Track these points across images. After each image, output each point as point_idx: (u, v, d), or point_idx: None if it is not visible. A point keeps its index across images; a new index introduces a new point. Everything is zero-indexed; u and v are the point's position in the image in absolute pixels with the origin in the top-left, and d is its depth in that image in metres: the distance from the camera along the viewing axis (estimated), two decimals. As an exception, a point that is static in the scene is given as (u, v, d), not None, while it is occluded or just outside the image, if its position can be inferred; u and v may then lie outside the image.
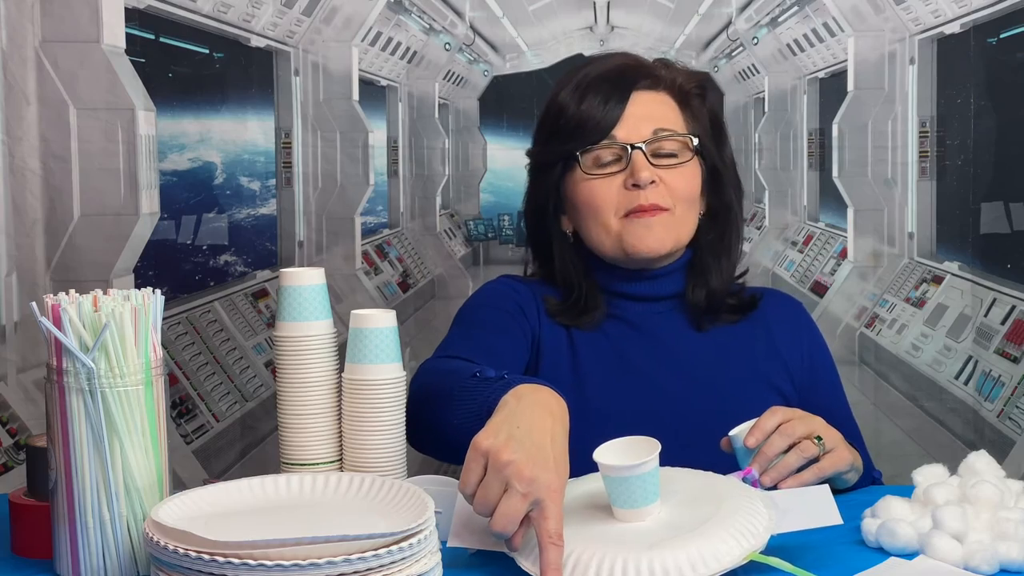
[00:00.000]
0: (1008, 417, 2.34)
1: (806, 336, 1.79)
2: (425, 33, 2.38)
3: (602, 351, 1.72)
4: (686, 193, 1.69)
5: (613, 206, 1.67)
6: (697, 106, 1.74)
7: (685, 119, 1.72)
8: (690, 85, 1.74)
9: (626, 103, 1.68)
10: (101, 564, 1.24)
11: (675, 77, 1.74)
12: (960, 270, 2.37)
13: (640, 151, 1.66)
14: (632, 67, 1.73)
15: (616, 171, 1.67)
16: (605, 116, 1.67)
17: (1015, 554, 1.27)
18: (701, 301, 1.73)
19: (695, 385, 1.69)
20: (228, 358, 2.38)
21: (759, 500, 1.30)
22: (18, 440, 2.26)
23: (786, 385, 1.73)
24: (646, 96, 1.70)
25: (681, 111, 1.73)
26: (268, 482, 1.29)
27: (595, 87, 1.69)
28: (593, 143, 1.68)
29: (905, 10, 2.34)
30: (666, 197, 1.67)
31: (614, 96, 1.68)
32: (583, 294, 1.73)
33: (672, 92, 1.73)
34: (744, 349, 1.73)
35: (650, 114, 1.69)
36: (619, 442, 1.29)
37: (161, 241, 2.32)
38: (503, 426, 1.24)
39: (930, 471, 1.44)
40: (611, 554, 1.19)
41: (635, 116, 1.68)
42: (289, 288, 1.46)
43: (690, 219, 1.71)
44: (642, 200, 1.66)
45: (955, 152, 2.35)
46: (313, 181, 2.37)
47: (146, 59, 2.30)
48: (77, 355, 1.22)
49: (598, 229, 1.69)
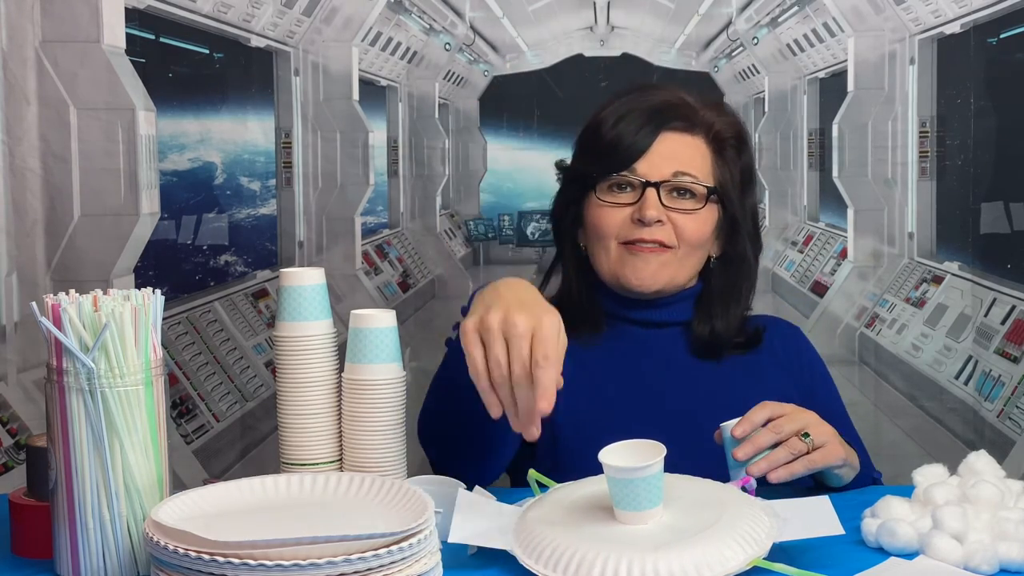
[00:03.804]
0: (1008, 417, 2.34)
1: (806, 356, 1.83)
2: (425, 33, 2.38)
3: (608, 370, 1.72)
4: (693, 237, 1.70)
5: (615, 232, 1.69)
6: (731, 156, 1.75)
7: (714, 165, 1.73)
8: (728, 134, 1.75)
9: (655, 139, 1.69)
10: (101, 564, 1.24)
11: (713, 123, 1.74)
12: (960, 270, 2.37)
13: (654, 190, 1.67)
14: (673, 105, 1.73)
15: (628, 203, 1.69)
16: (631, 148, 1.69)
17: (1015, 554, 1.27)
18: (705, 335, 1.75)
19: (698, 402, 1.70)
20: (228, 358, 2.38)
21: (760, 508, 1.30)
22: (18, 440, 2.26)
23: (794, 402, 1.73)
24: (677, 138, 1.71)
25: (712, 157, 1.73)
26: (268, 482, 1.29)
27: (631, 117, 1.70)
28: (613, 171, 1.69)
29: (905, 10, 2.34)
30: (671, 236, 1.69)
31: (645, 129, 1.70)
32: (582, 302, 1.75)
33: (707, 137, 1.73)
34: (749, 369, 1.75)
35: (675, 154, 1.70)
36: (624, 444, 1.30)
37: (161, 241, 2.32)
38: (478, 307, 1.34)
39: (930, 471, 1.44)
40: (615, 555, 1.19)
41: (660, 154, 1.69)
42: (289, 288, 1.46)
43: (691, 262, 1.73)
44: (645, 235, 1.68)
45: (955, 152, 2.35)
46: (313, 181, 2.37)
47: (146, 59, 2.29)
48: (77, 355, 1.22)
49: (600, 252, 1.72)
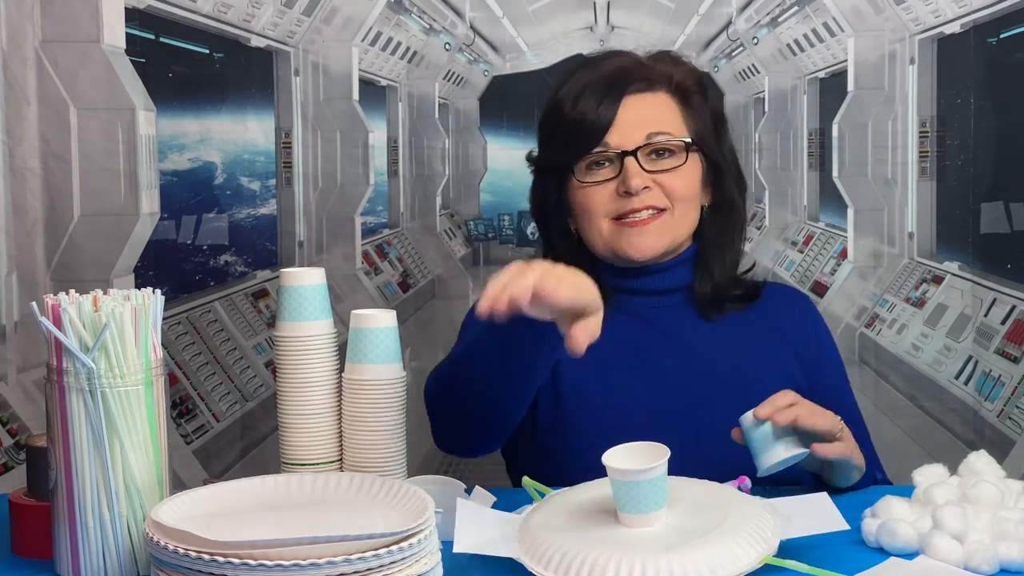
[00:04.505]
0: (1008, 417, 2.34)
1: (812, 323, 1.80)
2: (425, 33, 2.38)
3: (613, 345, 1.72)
4: (683, 193, 1.69)
5: (604, 210, 1.68)
6: (697, 102, 1.73)
7: (684, 116, 1.71)
8: (689, 82, 1.73)
9: (618, 107, 1.67)
10: (101, 564, 1.24)
11: (672, 74, 1.72)
12: (960, 270, 2.37)
13: (633, 158, 1.66)
14: (626, 69, 1.71)
15: (610, 177, 1.67)
16: (597, 122, 1.66)
17: (1015, 554, 1.27)
18: (707, 293, 1.74)
19: (706, 374, 1.69)
20: (228, 358, 2.38)
21: (763, 507, 1.31)
22: (18, 440, 2.26)
23: (795, 370, 1.73)
24: (640, 99, 1.69)
25: (680, 108, 1.71)
26: (268, 482, 1.29)
27: (589, 91, 1.68)
28: (586, 151, 1.67)
29: (905, 10, 2.34)
30: (662, 198, 1.67)
31: (606, 100, 1.67)
32: None
33: (669, 90, 1.71)
34: (753, 337, 1.74)
35: (643, 117, 1.68)
36: (627, 447, 1.30)
37: (161, 241, 2.32)
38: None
39: (930, 471, 1.44)
40: (628, 557, 1.19)
41: (628, 121, 1.67)
42: (289, 288, 1.46)
43: (689, 217, 1.71)
44: (636, 204, 1.66)
45: (955, 152, 2.35)
46: (313, 181, 2.37)
47: (146, 59, 2.29)
48: (77, 355, 1.22)
49: (592, 232, 1.70)
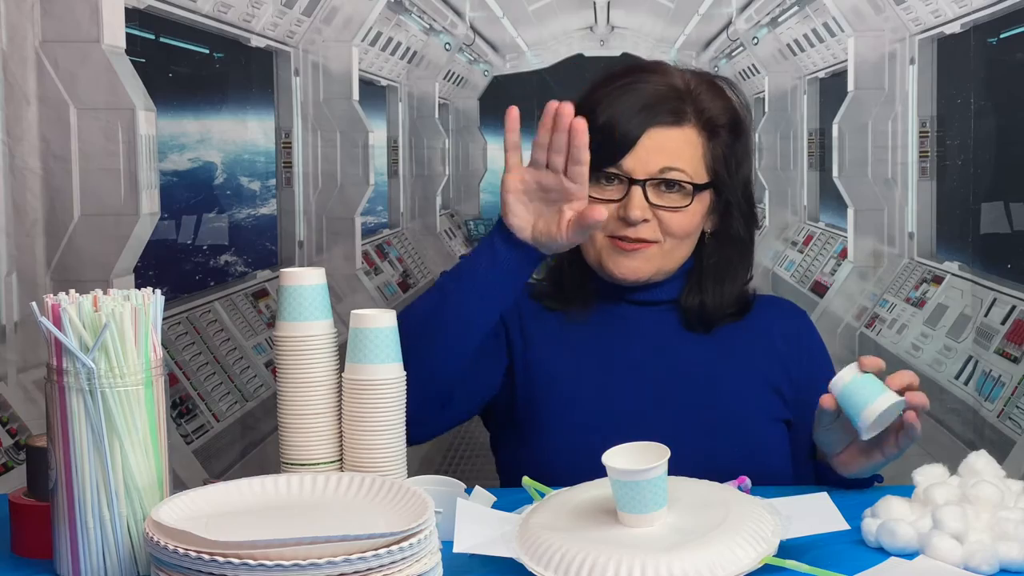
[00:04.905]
0: (1008, 417, 2.34)
1: (806, 340, 1.79)
2: (425, 33, 2.38)
3: (596, 348, 1.72)
4: (679, 231, 1.68)
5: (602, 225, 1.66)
6: (724, 138, 1.70)
7: (705, 152, 1.69)
8: (723, 120, 1.70)
9: (641, 135, 1.65)
10: (101, 564, 1.24)
11: (705, 109, 1.69)
12: (960, 270, 2.37)
13: (640, 187, 1.65)
14: (663, 97, 1.67)
15: (614, 198, 1.66)
16: (618, 143, 1.65)
17: (1015, 554, 1.27)
18: (695, 308, 1.73)
19: (691, 383, 1.69)
20: (228, 358, 2.38)
21: (763, 507, 1.31)
22: (18, 440, 2.26)
23: (781, 381, 1.72)
24: (666, 132, 1.67)
25: (704, 144, 1.69)
26: (268, 482, 1.29)
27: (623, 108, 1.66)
28: (598, 167, 1.63)
29: (905, 10, 2.34)
30: (655, 232, 1.66)
31: (634, 122, 1.65)
32: (573, 278, 1.74)
33: (699, 125, 1.68)
34: (739, 344, 1.73)
35: (663, 148, 1.66)
36: (627, 447, 1.30)
37: (161, 241, 2.32)
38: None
39: (930, 471, 1.44)
40: (628, 557, 1.19)
41: (647, 148, 1.65)
42: (289, 288, 1.45)
43: (679, 252, 1.70)
44: (630, 233, 1.66)
45: (955, 152, 2.35)
46: (313, 181, 2.37)
47: (146, 59, 2.29)
48: (77, 355, 1.22)
49: (586, 242, 1.68)
